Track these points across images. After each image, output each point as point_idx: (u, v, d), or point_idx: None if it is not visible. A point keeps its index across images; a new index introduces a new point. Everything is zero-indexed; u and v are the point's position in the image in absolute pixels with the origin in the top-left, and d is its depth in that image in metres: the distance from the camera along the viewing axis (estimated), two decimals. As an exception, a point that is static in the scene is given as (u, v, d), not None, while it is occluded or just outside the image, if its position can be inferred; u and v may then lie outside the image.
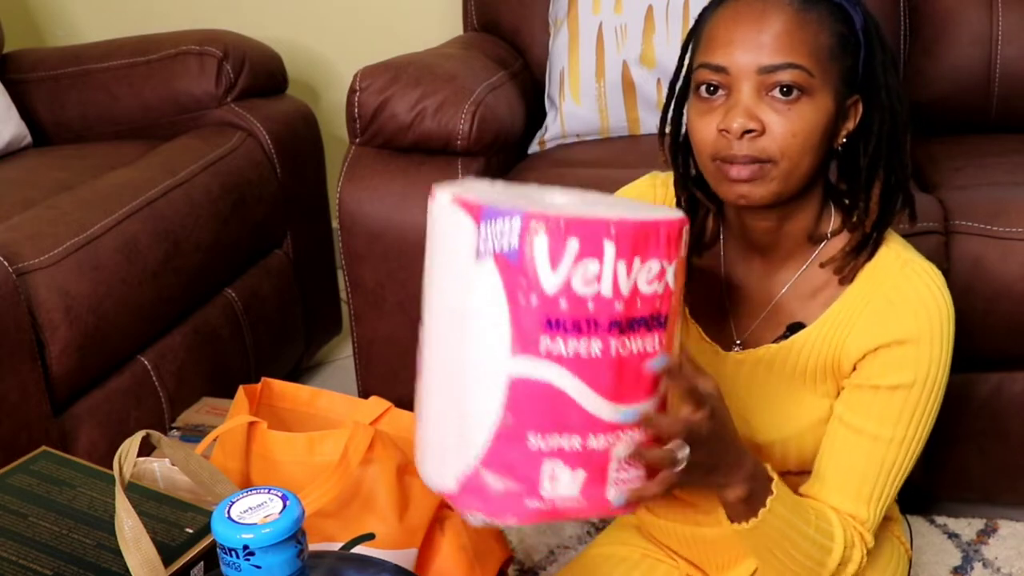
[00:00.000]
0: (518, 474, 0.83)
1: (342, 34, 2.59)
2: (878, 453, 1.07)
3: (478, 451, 0.84)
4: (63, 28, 2.72)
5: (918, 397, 1.06)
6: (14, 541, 1.04)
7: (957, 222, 1.55)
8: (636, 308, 0.83)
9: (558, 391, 0.82)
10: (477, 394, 0.83)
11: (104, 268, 1.59)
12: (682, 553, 1.26)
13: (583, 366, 0.82)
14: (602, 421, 0.84)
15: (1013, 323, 1.53)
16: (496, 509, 0.85)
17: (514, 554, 1.56)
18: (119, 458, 0.99)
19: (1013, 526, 1.69)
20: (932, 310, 1.05)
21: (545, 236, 0.79)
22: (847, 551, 1.07)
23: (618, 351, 0.82)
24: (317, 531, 1.23)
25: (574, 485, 0.84)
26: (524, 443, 0.83)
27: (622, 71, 1.91)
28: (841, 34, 1.02)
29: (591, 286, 0.81)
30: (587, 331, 0.81)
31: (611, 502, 0.86)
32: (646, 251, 0.82)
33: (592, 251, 0.80)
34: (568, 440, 0.83)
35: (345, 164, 1.76)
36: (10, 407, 1.43)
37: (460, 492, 0.86)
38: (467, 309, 0.83)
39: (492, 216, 0.80)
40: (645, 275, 0.83)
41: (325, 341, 2.33)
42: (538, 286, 0.80)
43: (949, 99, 1.95)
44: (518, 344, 0.81)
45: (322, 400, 1.44)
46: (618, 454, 0.85)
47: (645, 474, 0.88)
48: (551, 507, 0.84)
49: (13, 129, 2.09)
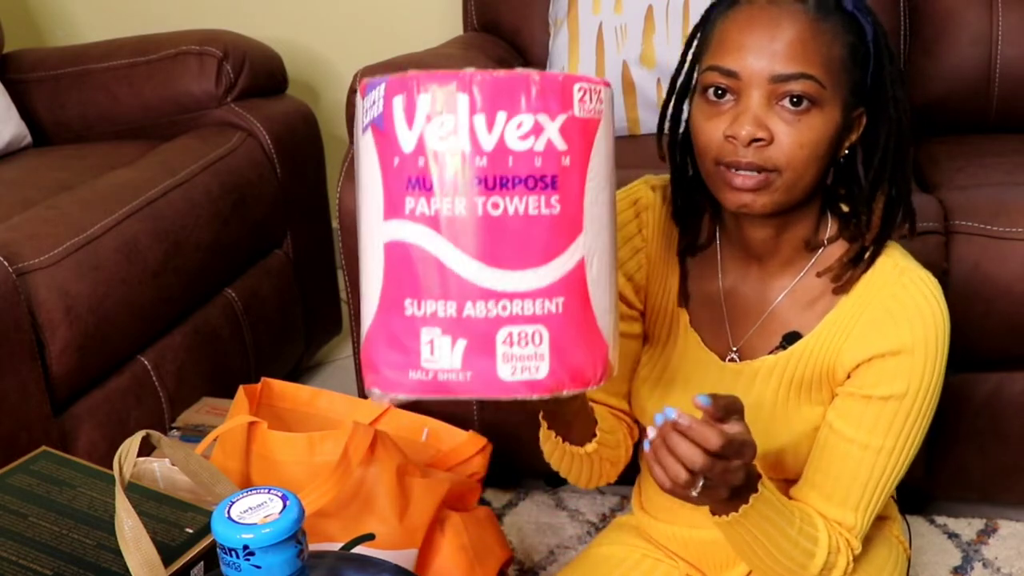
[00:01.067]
0: (400, 344, 0.81)
1: (342, 34, 2.59)
2: (868, 462, 1.07)
3: (369, 322, 0.83)
4: (63, 28, 2.72)
5: (910, 407, 1.06)
6: (14, 541, 1.04)
7: (957, 222, 1.55)
8: (506, 165, 0.79)
9: (427, 254, 0.80)
10: (368, 264, 0.83)
11: (104, 268, 1.59)
12: (680, 554, 1.26)
13: (449, 225, 0.79)
14: (479, 287, 0.80)
15: (1013, 323, 1.53)
16: (385, 382, 0.83)
17: (514, 554, 1.56)
18: (119, 458, 0.99)
19: (1013, 526, 1.69)
20: (928, 321, 1.05)
21: (402, 96, 0.79)
22: (831, 556, 1.07)
23: (487, 210, 0.79)
24: (317, 531, 1.23)
25: (455, 356, 0.80)
26: (401, 310, 0.81)
27: (622, 71, 1.91)
28: (852, 45, 1.01)
29: (446, 140, 0.79)
30: (448, 189, 0.79)
31: (502, 379, 0.81)
32: (512, 105, 0.79)
33: (445, 105, 0.79)
34: (444, 306, 0.80)
35: (345, 164, 1.76)
36: (10, 407, 1.43)
37: (363, 368, 0.85)
38: (359, 183, 0.84)
39: (369, 88, 0.81)
40: (515, 130, 0.79)
41: (325, 341, 2.33)
42: (398, 146, 0.79)
43: (949, 99, 1.95)
44: (388, 207, 0.81)
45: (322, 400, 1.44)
46: (509, 326, 0.80)
47: (551, 357, 0.82)
48: (434, 380, 0.81)
49: (13, 129, 2.09)
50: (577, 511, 1.76)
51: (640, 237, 1.18)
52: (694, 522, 1.22)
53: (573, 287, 0.82)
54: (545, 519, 1.74)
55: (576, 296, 0.83)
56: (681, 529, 1.23)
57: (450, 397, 0.82)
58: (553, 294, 0.81)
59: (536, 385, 0.82)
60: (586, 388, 0.85)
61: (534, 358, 0.81)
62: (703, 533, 1.21)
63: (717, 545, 1.21)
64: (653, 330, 1.19)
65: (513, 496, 1.80)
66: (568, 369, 0.83)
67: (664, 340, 1.18)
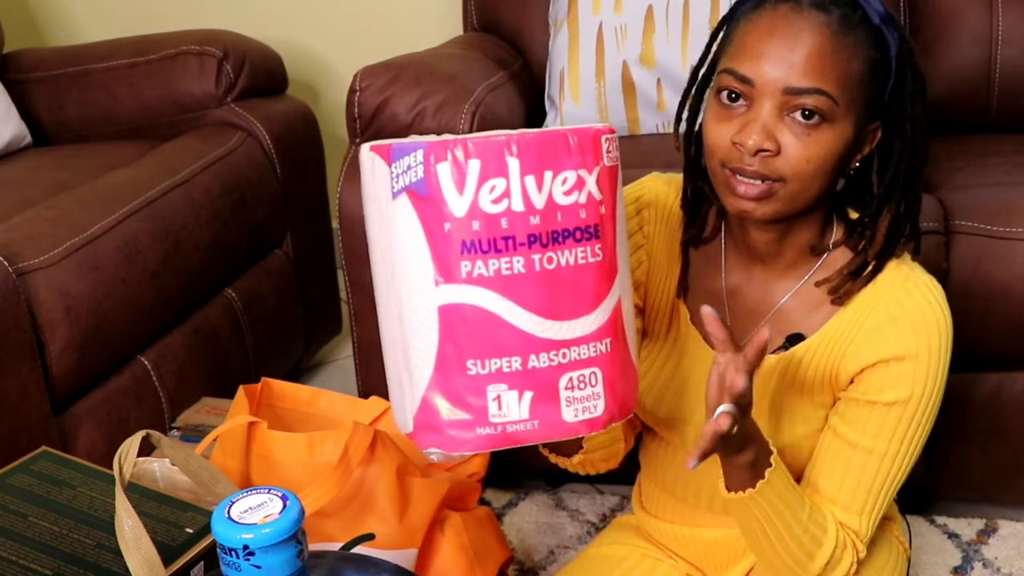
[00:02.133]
0: (465, 403, 0.84)
1: (342, 34, 2.59)
2: (872, 466, 1.07)
3: (424, 385, 0.85)
4: (63, 28, 2.72)
5: (913, 412, 1.06)
6: (14, 541, 1.04)
7: (957, 222, 1.55)
8: (557, 220, 0.83)
9: (488, 313, 0.82)
10: (415, 330, 0.85)
11: (104, 268, 1.59)
12: (681, 554, 1.26)
13: (508, 285, 0.82)
14: (542, 339, 0.83)
15: (1013, 323, 1.53)
16: (450, 442, 0.85)
17: (514, 554, 1.56)
18: (119, 458, 0.99)
19: (1013, 526, 1.69)
20: (932, 326, 1.05)
21: (447, 162, 0.81)
22: (837, 551, 1.07)
23: (543, 266, 0.82)
24: (317, 531, 1.23)
25: (522, 408, 0.84)
26: (464, 371, 0.83)
27: (622, 71, 1.91)
28: (874, 60, 1.00)
29: (500, 204, 0.81)
30: (505, 249, 0.82)
31: (567, 422, 0.85)
32: (557, 162, 0.82)
33: (496, 170, 0.81)
34: (508, 362, 0.83)
35: (345, 164, 1.76)
36: (10, 407, 1.43)
37: (416, 430, 0.87)
38: (392, 249, 0.85)
39: (400, 154, 0.82)
40: (560, 186, 0.83)
41: (325, 341, 2.33)
42: (448, 212, 0.81)
43: (949, 99, 1.95)
44: (440, 273, 0.82)
45: (322, 400, 1.44)
46: (570, 372, 0.84)
47: (606, 395, 0.86)
48: (503, 432, 0.84)
49: (13, 129, 2.09)
50: (577, 511, 1.76)
51: (641, 234, 1.18)
52: (695, 521, 1.22)
53: (616, 326, 0.88)
54: (545, 519, 1.74)
55: (619, 334, 0.88)
56: (682, 528, 1.23)
57: (515, 446, 0.86)
58: (603, 336, 0.86)
59: (595, 422, 0.87)
60: (628, 416, 0.91)
61: (592, 398, 0.86)
62: (704, 532, 1.21)
63: (717, 545, 1.21)
64: (653, 326, 1.19)
65: (513, 496, 1.80)
66: (618, 402, 0.89)
67: (663, 336, 1.18)
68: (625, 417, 0.90)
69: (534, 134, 0.82)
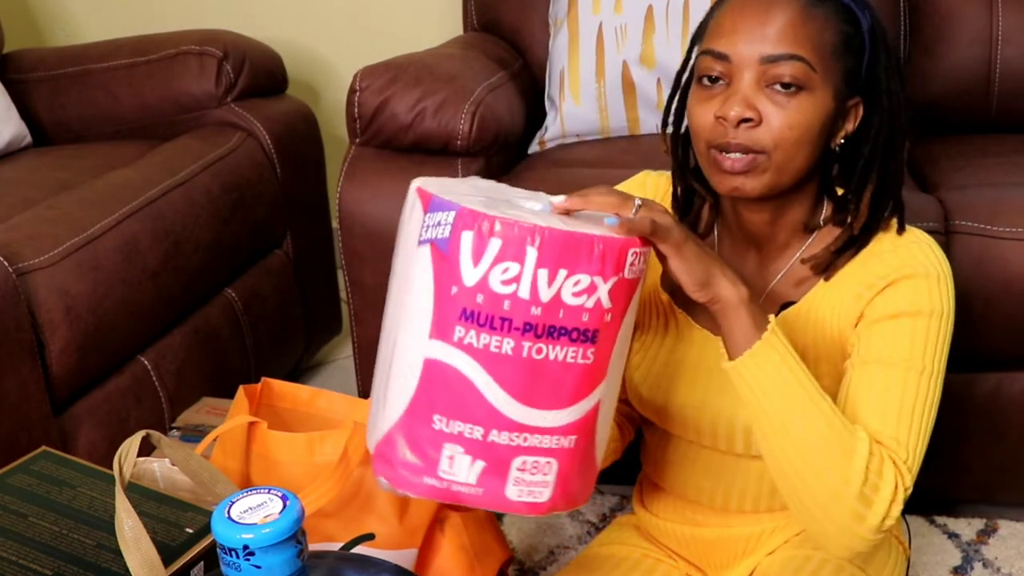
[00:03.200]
0: (421, 451, 0.88)
1: (342, 34, 2.59)
2: (896, 381, 1.03)
3: (392, 421, 0.89)
4: (63, 28, 2.72)
5: (927, 326, 1.04)
6: (14, 541, 1.04)
7: (957, 222, 1.55)
8: (557, 317, 0.85)
9: (466, 380, 0.86)
10: (400, 368, 0.88)
11: (104, 268, 1.59)
12: (681, 553, 1.26)
13: (492, 361, 0.85)
14: (508, 419, 0.86)
15: (1013, 323, 1.53)
16: (398, 479, 0.89)
17: (514, 554, 1.56)
18: (119, 458, 0.99)
19: (1013, 526, 1.69)
20: (928, 254, 1.07)
21: (472, 232, 0.84)
22: (875, 461, 0.98)
23: (531, 354, 0.85)
24: (317, 531, 1.23)
25: (471, 473, 0.87)
26: (430, 423, 0.87)
27: (622, 71, 1.91)
28: (846, 34, 1.02)
29: (509, 286, 0.84)
30: (500, 329, 0.85)
31: (508, 498, 0.89)
32: (574, 264, 0.85)
33: (514, 254, 0.83)
34: (470, 429, 0.86)
35: (345, 164, 1.76)
36: (10, 407, 1.43)
37: (375, 456, 0.91)
38: (407, 286, 0.88)
39: (436, 207, 0.86)
40: (571, 287, 0.85)
41: (325, 341, 2.33)
42: (459, 277, 0.84)
43: (949, 99, 1.95)
44: (436, 328, 0.86)
45: (322, 400, 1.44)
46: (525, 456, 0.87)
47: (556, 485, 0.89)
48: (447, 488, 0.88)
49: (13, 129, 2.09)
50: (577, 511, 1.76)
51: None
52: (696, 520, 1.22)
53: (586, 427, 0.90)
54: (545, 519, 1.74)
55: (586, 434, 0.90)
56: (682, 527, 1.23)
57: (455, 503, 0.90)
58: (570, 432, 0.89)
59: (535, 507, 0.90)
60: (573, 508, 0.95)
61: (540, 484, 0.89)
62: (704, 531, 1.21)
63: (718, 544, 1.21)
64: (644, 318, 1.20)
65: (513, 496, 1.80)
66: (566, 495, 0.91)
67: (654, 326, 1.18)
68: (570, 508, 0.93)
69: (562, 232, 0.84)
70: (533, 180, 1.75)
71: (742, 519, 1.20)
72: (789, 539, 1.19)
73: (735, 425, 1.12)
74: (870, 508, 0.98)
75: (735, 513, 1.20)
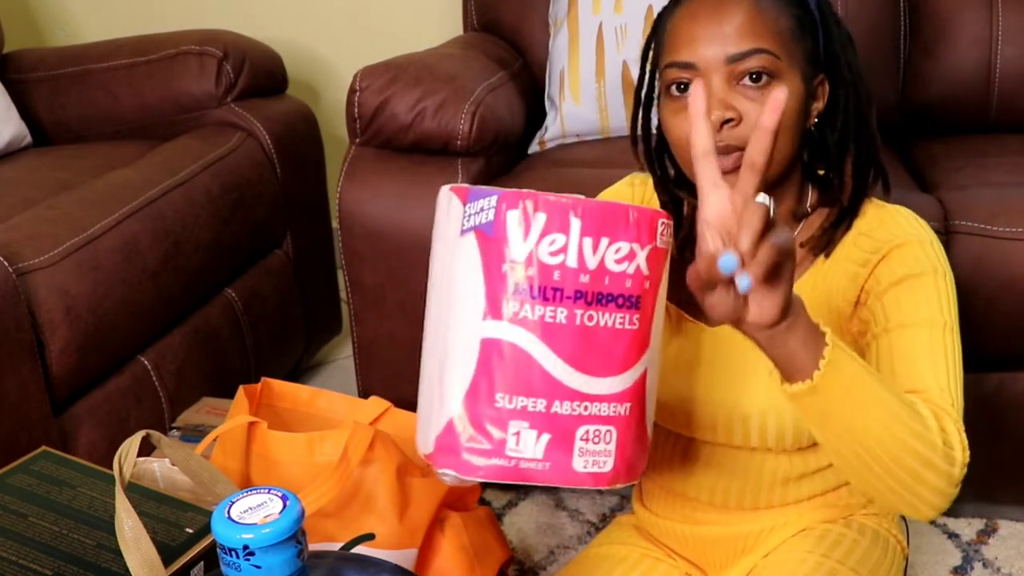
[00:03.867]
0: (487, 432, 0.89)
1: (342, 34, 2.59)
2: (924, 337, 1.02)
3: (453, 409, 0.90)
4: (63, 28, 2.72)
5: (934, 284, 1.05)
6: (14, 541, 1.04)
7: (957, 222, 1.55)
8: (603, 284, 0.88)
9: (524, 354, 0.88)
10: (455, 355, 0.90)
11: (104, 268, 1.59)
12: (681, 552, 1.26)
13: (548, 331, 0.88)
14: (568, 388, 0.89)
15: (1013, 323, 1.53)
16: (465, 467, 0.90)
17: (514, 554, 1.56)
18: (119, 458, 0.99)
19: (1013, 526, 1.69)
20: (913, 223, 1.09)
21: (517, 210, 0.87)
22: (939, 422, 0.96)
23: (583, 321, 0.88)
24: (317, 531, 1.23)
25: (538, 448, 0.89)
26: (492, 402, 0.89)
27: (622, 71, 1.91)
28: (798, 16, 1.05)
29: (557, 257, 0.87)
30: (553, 299, 0.88)
31: (575, 471, 0.90)
32: (614, 232, 0.88)
33: (559, 226, 0.87)
34: (533, 403, 0.88)
35: (345, 164, 1.76)
36: (10, 407, 1.43)
37: (436, 450, 0.92)
38: (452, 278, 0.91)
39: (476, 197, 0.89)
40: (613, 254, 0.88)
41: (325, 341, 2.33)
42: (508, 254, 0.87)
43: (949, 99, 1.95)
44: (490, 308, 0.88)
45: (322, 400, 1.44)
46: (587, 425, 0.90)
47: (616, 454, 0.91)
48: (515, 467, 0.89)
49: (13, 129, 2.09)
50: (577, 511, 1.76)
51: None
52: (695, 518, 1.22)
53: (638, 394, 0.93)
54: (545, 519, 1.74)
55: (639, 402, 0.93)
56: (682, 526, 1.23)
57: (524, 482, 0.91)
58: (624, 399, 0.91)
59: (600, 477, 0.92)
60: (634, 481, 0.95)
61: (603, 454, 0.91)
62: (704, 530, 1.21)
63: (718, 542, 1.21)
64: None
65: (513, 496, 1.80)
66: (626, 464, 0.93)
67: None
68: (631, 481, 0.95)
69: (599, 203, 0.88)
70: (533, 180, 1.75)
71: (741, 516, 1.20)
72: (786, 539, 1.19)
73: (734, 417, 1.13)
74: (954, 465, 0.98)
75: (735, 510, 1.20)
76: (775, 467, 1.17)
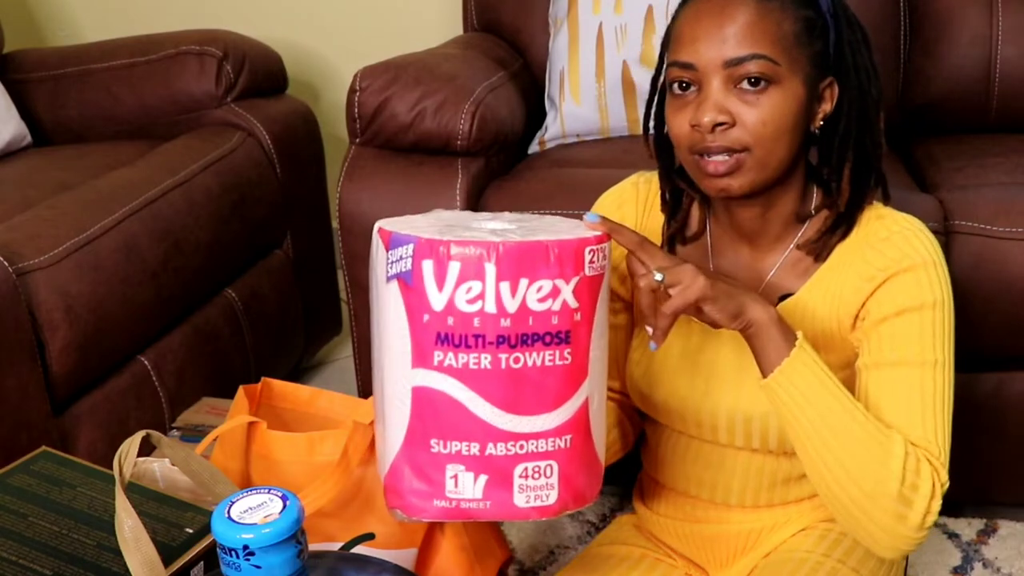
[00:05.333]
0: (426, 476, 0.91)
1: (342, 34, 2.59)
2: (915, 377, 1.05)
3: (395, 452, 0.92)
4: (63, 28, 2.72)
5: (932, 318, 1.05)
6: (14, 541, 1.04)
7: (957, 222, 1.55)
8: (527, 324, 0.88)
9: (453, 400, 0.89)
10: (392, 401, 0.92)
11: (104, 268, 1.59)
12: (681, 551, 1.26)
13: (474, 378, 0.89)
14: (500, 430, 0.89)
15: (1013, 323, 1.53)
16: (410, 507, 0.93)
17: (514, 554, 1.56)
18: (119, 458, 0.99)
19: (1013, 526, 1.69)
20: (920, 241, 1.07)
21: (431, 260, 0.87)
22: (911, 460, 1.01)
23: (509, 364, 0.88)
24: (317, 531, 1.23)
25: (476, 489, 0.91)
26: (428, 448, 0.90)
27: (622, 71, 1.91)
28: (807, 19, 1.04)
29: (475, 304, 0.87)
30: (475, 346, 0.88)
31: (517, 506, 0.92)
32: (534, 272, 0.88)
33: (474, 273, 0.87)
34: (467, 446, 0.90)
35: (345, 164, 1.76)
36: (10, 407, 1.43)
37: (386, 490, 0.95)
38: (381, 325, 0.93)
39: (396, 243, 0.90)
40: (535, 293, 0.88)
41: (325, 341, 2.33)
42: (428, 305, 0.88)
43: (949, 99, 1.95)
44: (416, 357, 0.90)
45: (322, 400, 1.44)
46: (525, 463, 0.91)
47: (560, 486, 0.92)
48: (456, 507, 0.92)
49: (13, 129, 2.09)
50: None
51: None
52: (695, 516, 1.22)
53: (579, 424, 0.93)
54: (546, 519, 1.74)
55: (581, 431, 0.93)
56: (682, 524, 1.23)
57: (468, 520, 0.93)
58: (563, 432, 0.92)
59: (545, 510, 0.93)
60: (585, 506, 0.97)
61: (545, 488, 0.92)
62: (704, 528, 1.22)
63: (718, 541, 1.21)
64: (640, 316, 1.20)
65: (513, 496, 1.80)
66: (573, 493, 0.94)
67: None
68: (583, 506, 0.96)
69: (516, 244, 0.87)
70: (533, 180, 1.75)
71: (741, 515, 1.20)
72: (787, 539, 1.19)
73: (734, 418, 1.13)
74: (911, 508, 1.01)
75: (734, 508, 1.20)
76: (776, 466, 1.17)
